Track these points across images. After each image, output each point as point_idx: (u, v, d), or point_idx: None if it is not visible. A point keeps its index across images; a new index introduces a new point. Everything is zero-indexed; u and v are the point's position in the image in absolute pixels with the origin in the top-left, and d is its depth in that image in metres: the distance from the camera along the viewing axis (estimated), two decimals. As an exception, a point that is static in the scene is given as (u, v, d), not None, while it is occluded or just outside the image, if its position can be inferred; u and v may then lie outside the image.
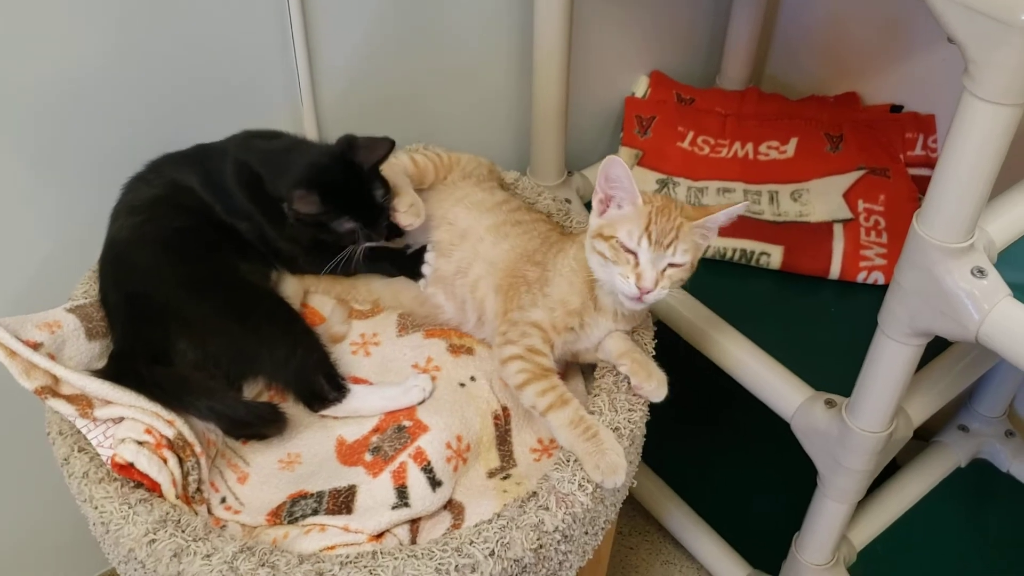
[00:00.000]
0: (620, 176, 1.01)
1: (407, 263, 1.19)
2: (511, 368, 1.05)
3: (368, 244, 1.11)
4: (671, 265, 1.01)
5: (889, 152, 1.61)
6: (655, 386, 1.06)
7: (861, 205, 1.53)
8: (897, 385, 1.09)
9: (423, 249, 1.18)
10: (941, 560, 1.50)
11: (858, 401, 1.14)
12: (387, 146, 1.10)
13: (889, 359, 1.07)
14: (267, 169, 1.11)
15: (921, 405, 1.24)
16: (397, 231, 1.15)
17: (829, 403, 1.20)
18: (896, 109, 1.68)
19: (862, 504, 1.45)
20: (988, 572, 1.50)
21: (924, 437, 1.65)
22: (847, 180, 1.58)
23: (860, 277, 1.44)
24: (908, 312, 1.01)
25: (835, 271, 1.45)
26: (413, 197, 1.15)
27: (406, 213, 1.13)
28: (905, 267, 0.99)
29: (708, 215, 1.02)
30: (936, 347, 1.23)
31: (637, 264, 1.00)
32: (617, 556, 1.70)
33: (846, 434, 1.16)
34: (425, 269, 1.17)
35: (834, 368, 1.22)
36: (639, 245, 1.00)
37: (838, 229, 1.50)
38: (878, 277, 1.43)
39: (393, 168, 1.17)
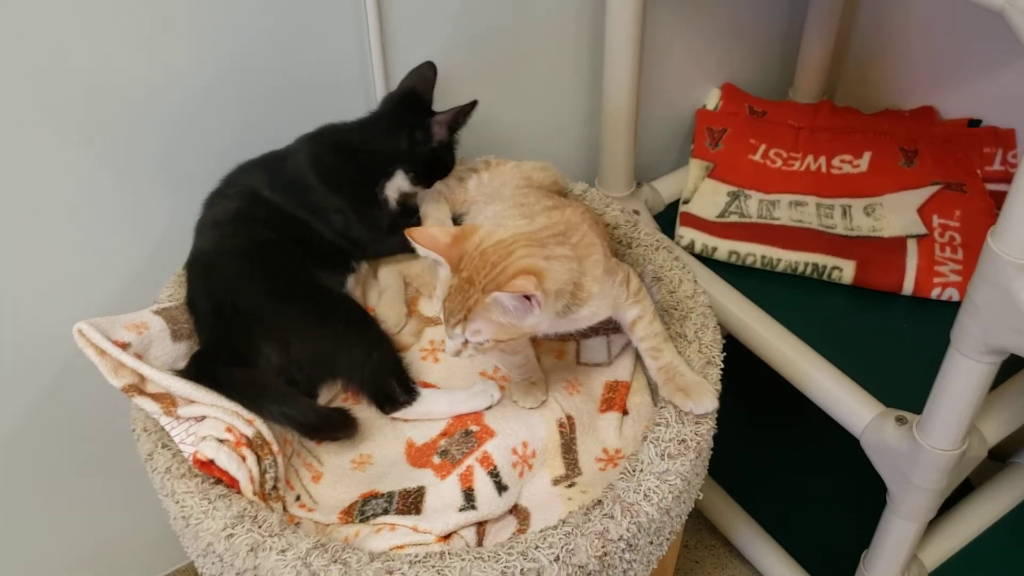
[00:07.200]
0: (425, 253, 0.97)
1: None
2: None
3: None
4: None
5: (965, 167, 1.58)
6: (693, 404, 1.03)
7: (936, 220, 1.51)
8: (970, 403, 1.07)
9: None
10: (1016, 584, 1.46)
11: (930, 418, 1.12)
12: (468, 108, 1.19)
13: (962, 377, 1.05)
14: (366, 137, 1.19)
15: (996, 424, 1.22)
16: None
17: (900, 420, 1.19)
18: (974, 123, 1.65)
19: (934, 524, 1.42)
20: (1065, 599, 1.46)
21: (1001, 458, 1.61)
22: (922, 195, 1.55)
23: (934, 293, 1.42)
24: (982, 329, 0.99)
25: (908, 287, 1.43)
26: None
27: None
28: (979, 283, 0.98)
29: (495, 291, 0.92)
30: (1014, 365, 1.21)
31: None
32: (682, 569, 1.69)
33: (917, 452, 1.14)
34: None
35: (906, 385, 1.20)
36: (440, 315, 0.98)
37: (912, 244, 1.47)
38: (952, 293, 1.41)
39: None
